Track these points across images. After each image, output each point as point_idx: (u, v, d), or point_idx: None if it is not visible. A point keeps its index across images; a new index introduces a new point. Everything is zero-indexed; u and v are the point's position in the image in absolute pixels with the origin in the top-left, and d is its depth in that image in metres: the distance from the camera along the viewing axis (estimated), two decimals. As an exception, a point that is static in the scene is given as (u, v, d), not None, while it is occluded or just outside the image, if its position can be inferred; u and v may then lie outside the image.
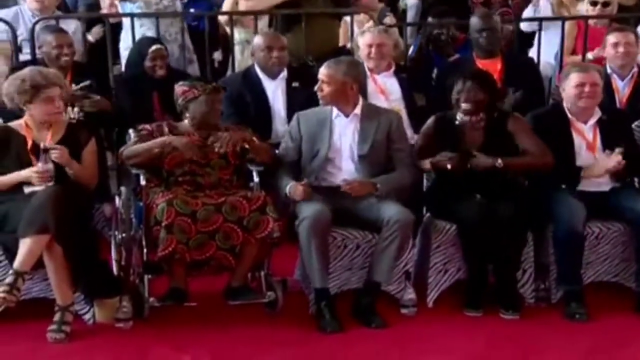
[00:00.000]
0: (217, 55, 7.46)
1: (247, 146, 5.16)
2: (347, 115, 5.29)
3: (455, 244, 5.26)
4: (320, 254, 4.96)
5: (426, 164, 5.34)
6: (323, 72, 5.26)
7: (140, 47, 6.47)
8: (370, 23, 7.05)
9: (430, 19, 7.66)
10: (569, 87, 5.42)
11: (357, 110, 5.30)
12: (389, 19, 7.47)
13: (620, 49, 6.17)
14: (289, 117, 5.85)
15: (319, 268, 4.96)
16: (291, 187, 5.08)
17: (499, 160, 5.18)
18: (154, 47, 6.33)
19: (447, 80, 5.55)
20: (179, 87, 5.22)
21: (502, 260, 5.13)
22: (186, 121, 5.24)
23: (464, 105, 5.34)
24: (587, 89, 5.36)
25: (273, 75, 6.23)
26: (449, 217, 5.27)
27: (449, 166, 5.18)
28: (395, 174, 5.26)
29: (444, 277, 5.31)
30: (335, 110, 5.30)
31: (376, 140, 5.26)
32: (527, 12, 7.71)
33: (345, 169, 5.28)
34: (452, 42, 7.37)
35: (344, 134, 5.28)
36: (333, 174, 5.29)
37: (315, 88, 5.28)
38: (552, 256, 5.27)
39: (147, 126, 5.26)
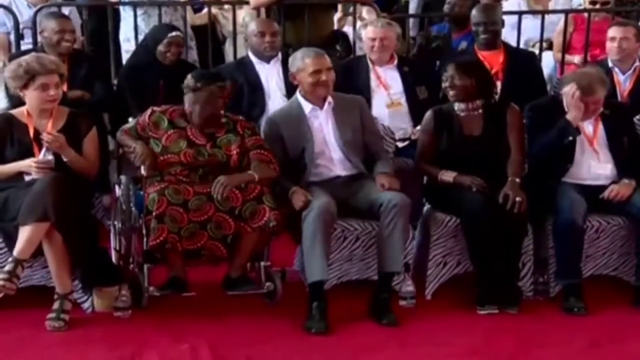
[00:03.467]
0: None
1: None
2: (321, 108, 5.28)
3: (455, 236, 5.26)
4: (323, 244, 4.92)
5: (446, 176, 5.29)
6: (327, 61, 5.26)
7: (157, 32, 6.45)
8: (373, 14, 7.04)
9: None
10: (565, 91, 5.39)
11: (330, 99, 5.29)
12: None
13: (615, 44, 6.18)
14: (289, 97, 5.96)
15: (320, 259, 4.92)
16: (292, 194, 5.04)
17: (520, 191, 5.15)
18: (173, 33, 6.32)
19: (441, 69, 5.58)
20: (187, 80, 5.15)
21: (505, 250, 5.12)
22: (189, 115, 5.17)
23: (450, 93, 5.35)
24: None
25: (266, 59, 6.28)
26: (449, 210, 5.27)
27: (474, 189, 5.18)
28: (384, 161, 5.33)
29: (443, 270, 5.31)
30: (307, 105, 5.27)
31: (353, 126, 5.29)
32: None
33: (336, 158, 5.27)
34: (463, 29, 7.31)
35: (325, 125, 5.28)
36: (326, 167, 5.28)
37: (324, 78, 5.22)
38: (551, 250, 5.27)
39: (147, 118, 5.18)
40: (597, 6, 7.14)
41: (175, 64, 6.23)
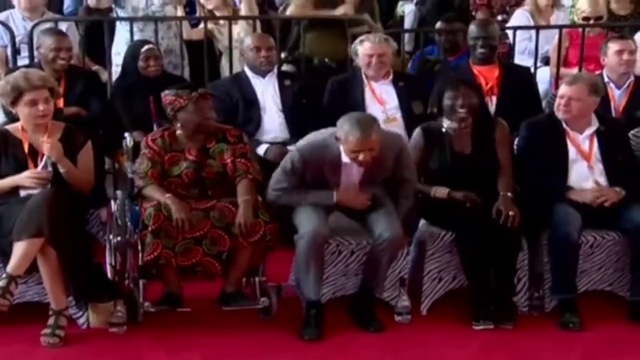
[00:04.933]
0: None
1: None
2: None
3: (450, 251, 5.26)
4: (317, 268, 4.98)
5: (439, 192, 5.28)
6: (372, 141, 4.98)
7: (133, 48, 6.50)
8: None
9: (439, 24, 7.66)
10: (557, 96, 5.46)
11: None
12: None
13: (625, 56, 6.17)
14: (284, 112, 6.07)
15: (314, 282, 4.99)
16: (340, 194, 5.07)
17: (512, 206, 5.18)
18: (146, 47, 6.36)
19: (435, 87, 5.57)
20: (165, 97, 5.16)
21: (499, 265, 5.13)
22: (178, 131, 5.19)
23: (460, 111, 5.32)
24: (563, 101, 5.39)
25: (262, 74, 6.29)
26: (444, 225, 5.28)
27: (468, 203, 5.19)
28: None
29: (438, 285, 5.31)
30: (346, 158, 5.04)
31: (385, 168, 5.14)
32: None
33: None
34: (455, 50, 7.33)
35: (357, 173, 5.13)
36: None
37: (361, 158, 4.96)
38: (546, 265, 5.27)
39: (152, 143, 5.15)
40: (591, 21, 7.16)
41: (162, 78, 6.24)
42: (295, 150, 5.14)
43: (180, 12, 7.45)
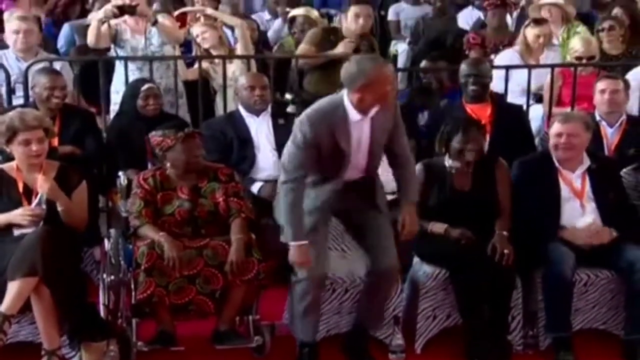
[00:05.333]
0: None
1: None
2: (366, 116, 4.86)
3: (445, 289, 5.26)
4: (314, 314, 4.97)
5: (437, 227, 5.31)
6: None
7: (133, 87, 6.54)
8: None
9: (424, 63, 7.72)
10: (551, 135, 5.50)
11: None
12: None
13: (606, 96, 6.24)
14: (278, 150, 5.97)
15: (311, 326, 4.98)
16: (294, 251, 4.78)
17: (507, 244, 5.21)
18: (146, 86, 6.40)
19: (441, 126, 5.56)
20: (153, 138, 5.22)
21: (493, 303, 5.13)
22: (169, 171, 5.21)
23: (468, 155, 5.37)
24: (563, 139, 5.42)
25: (256, 113, 6.31)
26: (438, 262, 5.28)
27: (463, 241, 5.20)
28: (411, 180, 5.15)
29: (432, 323, 5.30)
30: (353, 114, 4.81)
31: (387, 129, 4.95)
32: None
33: (362, 163, 4.95)
34: (440, 90, 7.42)
35: (365, 132, 4.88)
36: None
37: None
38: (541, 303, 5.27)
39: (143, 182, 5.18)
40: (583, 61, 7.21)
41: (159, 117, 6.26)
42: (302, 116, 4.90)
43: (177, 52, 7.51)
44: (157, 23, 7.05)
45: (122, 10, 6.87)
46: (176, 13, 7.96)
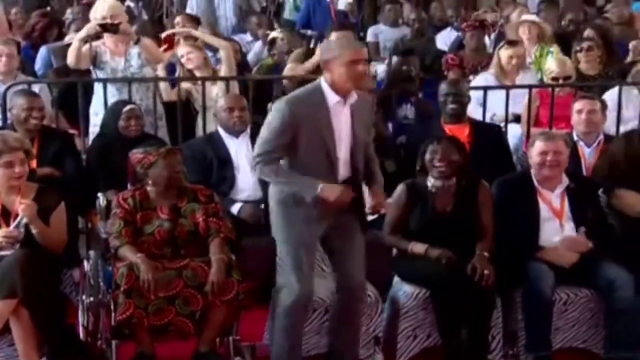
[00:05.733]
0: None
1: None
2: (345, 101, 4.85)
3: (425, 308, 5.26)
4: (295, 336, 4.93)
5: (417, 248, 5.33)
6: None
7: (115, 108, 6.55)
8: None
9: (395, 58, 7.80)
10: (534, 154, 5.52)
11: (354, 93, 4.88)
12: None
13: (583, 116, 6.29)
14: None
15: (290, 350, 4.91)
16: (325, 187, 4.68)
17: (488, 265, 5.20)
18: (128, 107, 6.41)
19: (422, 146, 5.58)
20: (134, 156, 5.23)
21: (473, 323, 5.14)
22: (149, 189, 5.21)
23: (438, 165, 5.37)
24: (549, 157, 5.45)
25: (236, 134, 6.31)
26: (418, 282, 5.28)
27: (444, 260, 5.21)
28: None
29: (413, 343, 5.30)
30: (332, 97, 4.79)
31: (366, 125, 4.99)
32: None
33: (342, 158, 4.88)
34: (419, 77, 7.53)
35: (345, 122, 4.86)
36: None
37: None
38: (521, 322, 5.28)
39: (123, 202, 5.16)
40: (560, 81, 7.27)
41: (140, 138, 6.26)
42: (278, 101, 4.86)
43: (161, 73, 7.50)
44: (139, 42, 7.05)
45: (104, 29, 6.88)
46: (164, 34, 7.98)
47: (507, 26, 9.14)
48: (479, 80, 7.79)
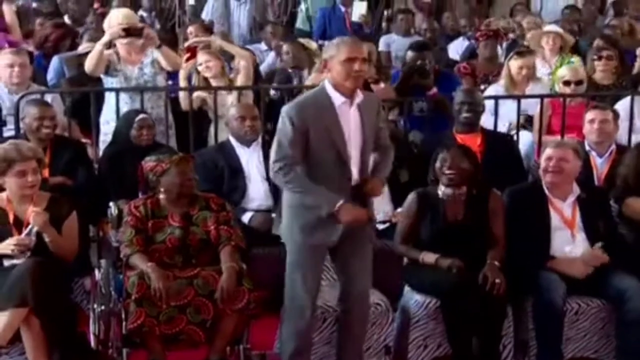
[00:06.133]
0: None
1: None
2: (351, 102, 4.85)
3: (435, 318, 5.26)
4: (303, 341, 4.93)
5: (428, 257, 5.31)
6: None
7: (127, 117, 6.57)
8: None
9: (409, 53, 7.82)
10: (542, 160, 5.54)
11: (359, 93, 4.89)
12: None
13: (595, 125, 6.28)
14: (269, 180, 5.94)
15: (297, 355, 4.92)
16: (342, 207, 4.68)
17: (499, 274, 5.18)
18: (140, 116, 6.44)
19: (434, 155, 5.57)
20: (146, 164, 5.24)
21: (484, 332, 5.13)
22: (161, 197, 5.22)
23: (447, 172, 5.37)
24: (552, 163, 5.45)
25: (247, 144, 6.32)
26: (428, 291, 5.28)
27: (454, 270, 5.19)
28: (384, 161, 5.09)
29: (424, 353, 5.29)
30: (337, 97, 4.81)
31: (374, 126, 4.96)
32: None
33: (354, 156, 4.88)
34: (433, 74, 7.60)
35: (353, 122, 4.86)
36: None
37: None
38: (532, 332, 5.27)
39: (134, 210, 5.17)
40: (571, 86, 7.25)
41: (152, 147, 6.28)
42: (286, 106, 4.86)
43: (183, 82, 7.56)
44: (161, 47, 7.07)
45: (128, 33, 6.91)
46: (186, 44, 8.00)
47: (529, 35, 9.12)
48: (489, 92, 7.78)
